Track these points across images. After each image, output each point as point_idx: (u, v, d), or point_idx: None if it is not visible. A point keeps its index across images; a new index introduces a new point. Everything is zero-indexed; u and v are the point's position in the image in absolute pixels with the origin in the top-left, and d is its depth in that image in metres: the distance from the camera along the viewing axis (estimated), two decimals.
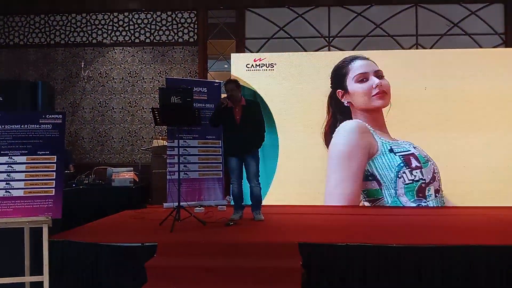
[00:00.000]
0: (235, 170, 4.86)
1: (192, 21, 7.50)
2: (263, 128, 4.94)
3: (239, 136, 4.74)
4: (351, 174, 6.09)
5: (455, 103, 6.16)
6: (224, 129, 4.97)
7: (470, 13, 7.29)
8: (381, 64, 6.24)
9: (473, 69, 6.19)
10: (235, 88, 4.80)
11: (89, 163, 7.22)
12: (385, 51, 6.63)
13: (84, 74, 7.56)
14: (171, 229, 4.21)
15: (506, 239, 3.86)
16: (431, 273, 3.54)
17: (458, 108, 6.16)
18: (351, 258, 3.60)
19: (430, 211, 5.63)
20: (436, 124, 6.15)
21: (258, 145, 4.89)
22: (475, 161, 6.07)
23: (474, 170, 6.05)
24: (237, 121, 4.77)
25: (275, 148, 6.26)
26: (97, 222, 4.88)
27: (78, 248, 3.84)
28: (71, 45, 7.64)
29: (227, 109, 4.77)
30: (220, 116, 4.84)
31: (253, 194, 4.86)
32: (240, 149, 4.78)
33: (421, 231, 4.33)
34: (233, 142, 4.81)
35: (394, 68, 6.25)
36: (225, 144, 4.99)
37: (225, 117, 4.81)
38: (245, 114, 4.80)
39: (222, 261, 3.58)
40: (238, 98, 4.81)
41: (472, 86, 6.17)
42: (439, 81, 6.20)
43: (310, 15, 7.46)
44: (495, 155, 6.07)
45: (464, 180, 6.04)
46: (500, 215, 5.19)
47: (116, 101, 7.52)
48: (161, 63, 7.49)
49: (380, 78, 6.17)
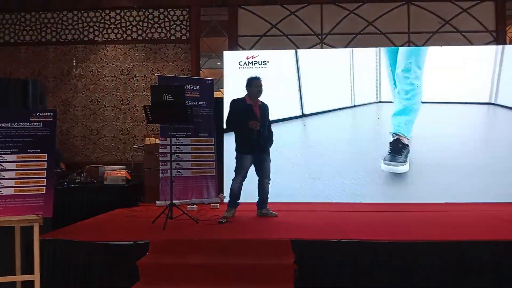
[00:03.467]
0: (244, 169, 4.89)
1: (185, 19, 7.47)
2: (271, 127, 5.09)
3: (261, 134, 4.80)
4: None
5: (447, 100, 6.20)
6: (245, 127, 4.79)
7: (462, 11, 7.33)
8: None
9: (464, 66, 6.23)
10: (262, 85, 4.88)
11: (81, 162, 7.19)
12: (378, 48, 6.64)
13: (75, 72, 7.51)
14: (163, 227, 4.20)
15: (497, 235, 3.89)
16: (423, 268, 3.56)
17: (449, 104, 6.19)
18: (344, 254, 3.62)
19: (423, 207, 5.65)
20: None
21: (271, 144, 5.03)
22: (468, 158, 6.11)
23: (466, 166, 6.09)
24: (258, 119, 4.82)
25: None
26: (89, 221, 4.86)
27: (69, 247, 3.82)
28: (62, 42, 7.57)
29: (248, 107, 4.82)
30: (243, 113, 4.81)
31: (265, 191, 4.97)
32: (260, 146, 4.85)
33: (413, 227, 4.34)
34: (254, 140, 4.78)
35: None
36: (243, 142, 4.88)
37: (248, 114, 4.80)
38: (262, 113, 4.91)
39: (215, 259, 3.58)
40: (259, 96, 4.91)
41: (463, 83, 6.21)
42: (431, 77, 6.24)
43: (303, 13, 7.45)
44: (488, 152, 6.11)
45: (456, 176, 6.09)
46: (493, 211, 5.22)
47: (108, 99, 7.48)
48: (153, 61, 7.46)
49: None
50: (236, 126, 4.93)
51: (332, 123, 6.38)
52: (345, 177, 6.21)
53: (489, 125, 6.29)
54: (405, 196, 6.10)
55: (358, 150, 6.25)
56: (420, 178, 6.15)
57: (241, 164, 4.88)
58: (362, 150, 6.24)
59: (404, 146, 6.12)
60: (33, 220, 3.50)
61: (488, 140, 6.18)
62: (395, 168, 6.09)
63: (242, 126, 4.82)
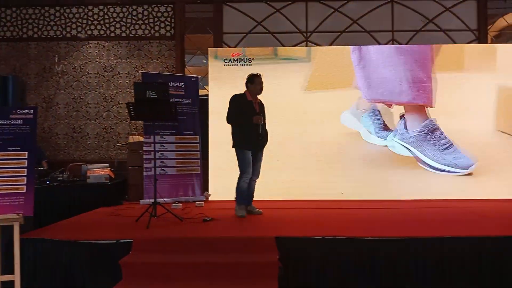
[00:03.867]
0: (251, 165, 4.83)
1: (169, 15, 7.41)
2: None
3: (260, 130, 4.78)
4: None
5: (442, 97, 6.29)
6: (246, 123, 4.78)
7: (445, 10, 7.41)
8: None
9: (447, 64, 6.31)
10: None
11: (64, 160, 7.09)
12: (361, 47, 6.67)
13: (58, 68, 7.40)
14: (147, 225, 4.17)
15: (477, 231, 3.95)
16: (406, 264, 3.60)
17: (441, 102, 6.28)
18: (327, 251, 3.63)
19: (405, 203, 5.71)
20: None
21: (266, 142, 4.99)
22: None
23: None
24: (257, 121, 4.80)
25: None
26: (71, 220, 4.79)
27: (51, 246, 3.77)
28: (44, 39, 7.45)
29: (249, 104, 4.81)
30: (244, 110, 4.79)
31: (252, 188, 4.96)
32: (260, 143, 4.85)
33: (397, 223, 4.39)
34: (254, 136, 4.77)
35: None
36: (245, 138, 4.82)
37: (249, 111, 4.78)
38: (261, 111, 4.90)
39: (199, 257, 3.56)
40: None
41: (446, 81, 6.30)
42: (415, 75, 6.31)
43: (288, 10, 7.46)
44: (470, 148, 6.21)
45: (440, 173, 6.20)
46: (474, 207, 5.30)
47: (91, 96, 7.39)
48: (137, 58, 7.39)
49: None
50: (239, 121, 4.86)
51: (316, 121, 6.39)
52: (329, 174, 6.24)
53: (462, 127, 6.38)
54: (388, 193, 6.15)
55: (342, 148, 6.28)
56: (403, 175, 6.22)
57: (245, 159, 4.81)
58: (345, 149, 6.28)
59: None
60: (13, 219, 3.44)
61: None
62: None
63: (244, 122, 4.79)
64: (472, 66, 6.33)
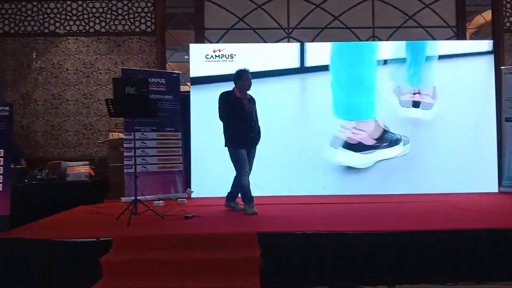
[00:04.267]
0: (247, 162, 4.78)
1: (150, 11, 7.32)
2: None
3: (253, 127, 4.77)
4: None
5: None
6: (236, 121, 4.78)
7: (424, 6, 7.50)
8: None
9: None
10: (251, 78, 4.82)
11: (43, 158, 6.95)
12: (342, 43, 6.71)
13: (36, 65, 7.25)
14: (127, 223, 4.13)
15: (456, 224, 4.02)
16: (385, 258, 3.64)
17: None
18: (309, 246, 3.65)
19: (385, 198, 5.78)
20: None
21: (259, 139, 4.96)
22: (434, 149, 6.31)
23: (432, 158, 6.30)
24: (248, 112, 4.77)
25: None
26: (50, 218, 4.71)
27: (29, 246, 3.70)
28: (21, 34, 7.29)
29: (238, 100, 4.75)
30: (233, 107, 4.74)
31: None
32: (252, 140, 4.83)
33: (376, 217, 4.44)
34: (246, 133, 4.75)
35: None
36: (236, 136, 4.79)
37: (239, 108, 4.73)
38: (251, 107, 4.83)
39: (180, 254, 3.54)
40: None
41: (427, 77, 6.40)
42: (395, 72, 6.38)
43: (270, 6, 7.45)
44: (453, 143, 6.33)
45: (424, 168, 6.30)
46: (451, 201, 5.40)
47: (71, 93, 7.27)
48: (117, 54, 7.28)
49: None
50: (229, 119, 4.82)
51: (299, 117, 6.42)
52: (311, 170, 6.28)
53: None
54: (368, 188, 6.23)
55: (323, 143, 6.32)
56: (383, 170, 6.29)
57: (241, 157, 4.76)
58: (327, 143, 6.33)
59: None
60: None
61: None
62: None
63: (234, 120, 4.77)
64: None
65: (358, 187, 6.24)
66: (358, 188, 6.24)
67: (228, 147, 4.85)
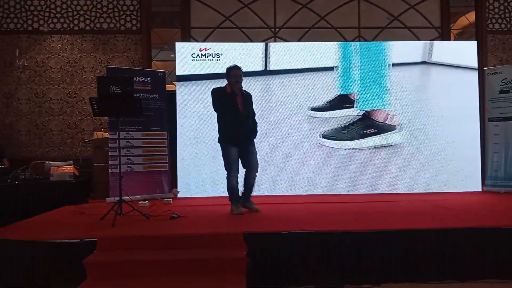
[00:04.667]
0: (236, 162, 4.70)
1: (135, 9, 7.25)
2: (255, 118, 4.93)
3: (244, 124, 4.68)
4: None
5: (397, 94, 6.40)
6: (226, 117, 4.73)
7: (409, 7, 7.57)
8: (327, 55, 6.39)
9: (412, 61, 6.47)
10: (241, 75, 4.70)
11: (26, 158, 6.84)
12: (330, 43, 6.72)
13: (19, 63, 7.13)
14: (112, 224, 4.08)
15: (442, 223, 4.06)
16: (372, 257, 3.66)
17: (397, 99, 6.40)
18: (295, 246, 3.66)
19: (371, 197, 5.83)
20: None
21: (256, 134, 4.87)
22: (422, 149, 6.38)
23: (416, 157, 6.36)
24: (240, 109, 4.68)
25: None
26: (34, 219, 4.64)
27: (11, 247, 3.64)
28: (4, 32, 7.16)
29: (231, 96, 4.66)
30: (223, 103, 4.67)
31: (252, 183, 4.80)
32: (245, 137, 4.71)
33: (363, 217, 4.46)
34: (237, 130, 4.66)
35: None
36: (226, 133, 4.73)
37: (229, 104, 4.66)
38: (245, 103, 4.74)
39: (165, 254, 3.52)
40: (241, 86, 4.71)
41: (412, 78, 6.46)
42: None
43: (256, 6, 7.44)
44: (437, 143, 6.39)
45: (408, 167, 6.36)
46: (439, 200, 5.45)
47: (54, 91, 7.16)
48: (102, 52, 7.20)
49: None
50: (220, 115, 4.76)
51: (285, 116, 6.42)
52: (298, 169, 6.29)
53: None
54: (352, 187, 6.28)
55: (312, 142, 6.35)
56: (370, 170, 6.34)
57: (229, 156, 4.69)
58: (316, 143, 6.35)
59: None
60: None
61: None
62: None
63: (224, 116, 4.71)
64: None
65: (343, 186, 6.27)
66: (343, 187, 6.27)
67: (220, 143, 4.79)
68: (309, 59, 6.43)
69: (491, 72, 6.41)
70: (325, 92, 6.41)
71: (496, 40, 7.51)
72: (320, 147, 6.33)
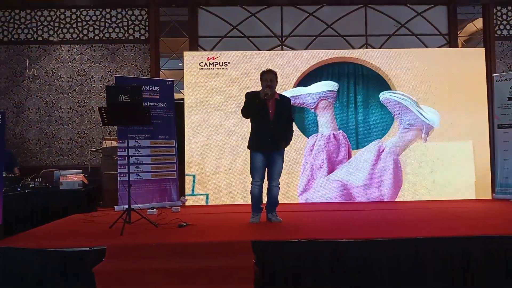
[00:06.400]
0: (259, 169, 4.53)
1: (143, 19, 7.34)
2: (292, 125, 4.72)
3: (271, 131, 4.46)
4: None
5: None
6: (255, 122, 4.57)
7: (416, 14, 7.57)
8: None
9: (419, 68, 6.45)
10: (274, 79, 4.51)
11: (36, 166, 6.92)
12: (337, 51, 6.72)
13: (29, 73, 7.23)
14: (121, 232, 4.10)
15: (451, 231, 4.03)
16: (380, 265, 3.63)
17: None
18: (303, 254, 3.64)
19: (379, 205, 5.80)
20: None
21: (287, 142, 4.64)
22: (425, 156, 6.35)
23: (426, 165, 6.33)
24: (270, 115, 4.48)
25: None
26: (43, 227, 4.67)
27: (22, 255, 3.65)
28: (15, 42, 7.28)
29: (262, 101, 4.44)
30: (253, 108, 4.46)
31: (273, 194, 4.63)
32: (270, 145, 4.48)
33: (371, 225, 4.44)
34: (263, 137, 4.47)
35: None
36: (253, 138, 4.58)
37: (258, 110, 4.46)
38: (278, 109, 4.52)
39: (174, 263, 3.52)
40: (274, 91, 4.53)
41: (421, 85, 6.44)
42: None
43: (263, 15, 7.49)
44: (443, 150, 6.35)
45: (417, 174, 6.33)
46: (450, 208, 5.41)
47: (64, 100, 7.25)
48: (111, 61, 7.28)
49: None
50: (251, 120, 4.59)
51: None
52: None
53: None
54: (362, 195, 6.25)
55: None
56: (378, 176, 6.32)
57: (254, 163, 4.53)
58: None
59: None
60: None
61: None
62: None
63: (254, 121, 4.56)
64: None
65: (352, 194, 6.24)
66: (352, 195, 6.24)
67: (248, 149, 4.64)
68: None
69: (500, 78, 6.38)
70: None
71: (504, 47, 7.48)
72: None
